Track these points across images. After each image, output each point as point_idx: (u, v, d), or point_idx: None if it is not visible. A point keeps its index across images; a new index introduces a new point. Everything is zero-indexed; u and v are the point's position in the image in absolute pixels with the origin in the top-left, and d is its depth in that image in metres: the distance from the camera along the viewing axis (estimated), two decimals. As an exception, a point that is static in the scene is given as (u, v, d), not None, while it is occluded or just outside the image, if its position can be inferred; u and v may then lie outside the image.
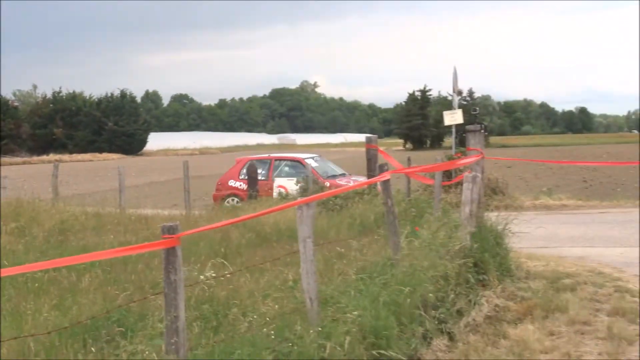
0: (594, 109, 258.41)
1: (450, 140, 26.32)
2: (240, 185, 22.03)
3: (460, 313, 8.26)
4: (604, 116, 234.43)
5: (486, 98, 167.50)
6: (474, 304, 8.59)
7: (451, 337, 7.74)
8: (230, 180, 22.49)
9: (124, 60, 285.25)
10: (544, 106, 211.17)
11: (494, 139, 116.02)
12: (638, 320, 8.69)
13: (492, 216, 11.14)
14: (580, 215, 20.24)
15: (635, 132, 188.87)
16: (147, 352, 5.52)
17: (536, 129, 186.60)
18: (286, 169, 22.94)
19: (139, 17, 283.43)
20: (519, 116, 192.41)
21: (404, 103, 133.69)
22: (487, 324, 8.29)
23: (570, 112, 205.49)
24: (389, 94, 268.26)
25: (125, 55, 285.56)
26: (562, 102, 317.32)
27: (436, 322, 7.73)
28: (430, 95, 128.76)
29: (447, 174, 20.46)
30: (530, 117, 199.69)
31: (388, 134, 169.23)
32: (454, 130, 23.48)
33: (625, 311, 8.85)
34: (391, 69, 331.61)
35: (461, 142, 20.44)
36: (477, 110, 47.01)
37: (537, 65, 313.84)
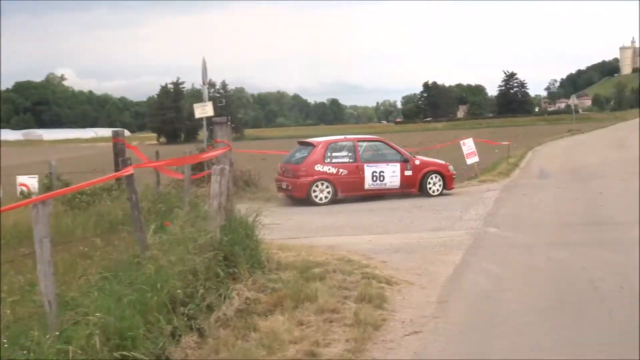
0: (345, 100, 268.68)
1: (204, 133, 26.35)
2: (329, 169, 21.47)
3: (210, 308, 8.22)
4: (355, 107, 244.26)
5: (240, 90, 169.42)
6: (225, 298, 8.58)
7: (201, 333, 7.69)
8: (317, 165, 21.46)
9: None
10: (296, 98, 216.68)
11: (248, 131, 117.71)
12: (384, 305, 9.10)
13: (242, 208, 11.20)
14: (330, 205, 20.88)
15: (384, 122, 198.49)
16: None
17: (290, 121, 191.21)
18: (371, 150, 22.59)
19: None
20: (273, 108, 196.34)
21: (156, 96, 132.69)
22: (238, 318, 8.31)
23: (322, 104, 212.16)
24: (140, 86, 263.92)
25: None
26: (315, 94, 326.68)
27: (185, 319, 7.63)
28: (183, 88, 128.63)
29: (200, 168, 20.41)
30: (284, 109, 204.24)
31: (141, 128, 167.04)
32: (205, 123, 23.48)
33: (371, 297, 9.19)
34: (142, 62, 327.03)
35: (213, 135, 20.50)
36: (223, 102, 47.47)
37: (289, 57, 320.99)
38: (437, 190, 22.31)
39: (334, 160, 21.62)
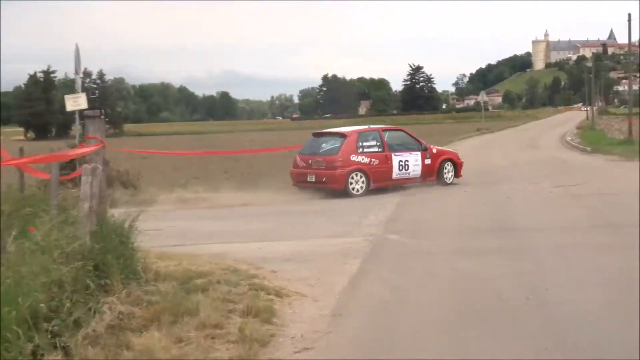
0: (237, 94, 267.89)
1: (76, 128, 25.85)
2: (363, 159, 22.27)
3: (77, 324, 8.04)
4: (247, 102, 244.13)
5: (119, 81, 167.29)
6: (95, 312, 8.40)
7: (67, 352, 7.52)
8: (352, 155, 22.25)
9: None
10: (183, 90, 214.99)
11: (129, 127, 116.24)
12: (272, 320, 9.09)
13: (118, 213, 11.03)
14: (219, 209, 20.81)
15: (280, 118, 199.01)
16: None
17: (175, 116, 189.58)
18: (396, 139, 24.10)
19: None
20: (157, 101, 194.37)
21: (24, 86, 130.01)
22: (109, 334, 8.16)
23: (211, 97, 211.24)
24: (6, 75, 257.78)
25: None
26: (203, 87, 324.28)
27: (49, 336, 7.45)
28: (55, 77, 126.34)
29: (72, 167, 20.02)
30: (168, 102, 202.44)
31: (7, 121, 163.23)
32: (78, 116, 23.08)
33: (259, 310, 9.15)
34: (8, 47, 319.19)
35: (85, 130, 20.13)
36: (96, 93, 47.01)
37: (174, 45, 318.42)
38: (450, 178, 24.35)
39: (365, 150, 22.63)
